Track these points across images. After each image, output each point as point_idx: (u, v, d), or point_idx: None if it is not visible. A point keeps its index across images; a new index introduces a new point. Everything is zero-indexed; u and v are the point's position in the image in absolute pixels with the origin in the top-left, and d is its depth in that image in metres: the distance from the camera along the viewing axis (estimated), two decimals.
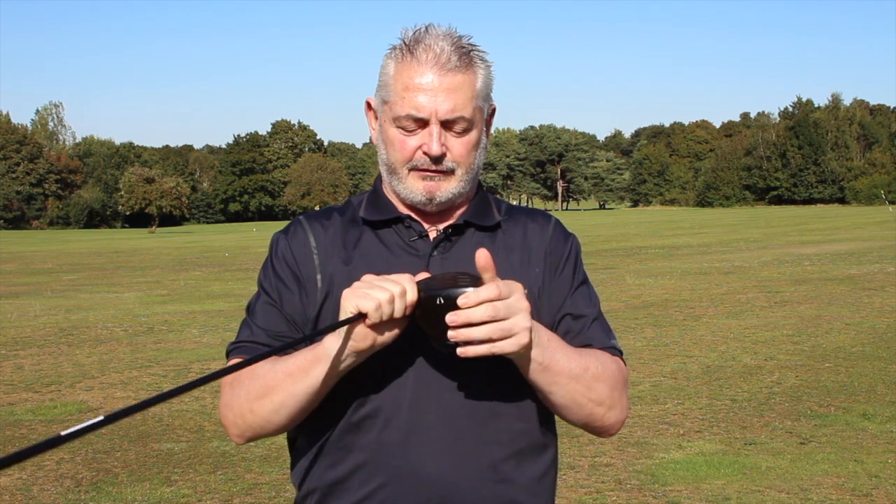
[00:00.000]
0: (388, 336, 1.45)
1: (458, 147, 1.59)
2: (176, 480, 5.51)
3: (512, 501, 1.58)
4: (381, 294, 1.40)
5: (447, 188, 1.60)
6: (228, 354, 1.65)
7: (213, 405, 7.44)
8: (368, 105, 1.68)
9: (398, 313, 1.41)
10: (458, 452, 1.55)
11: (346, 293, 1.43)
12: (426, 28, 1.59)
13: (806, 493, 5.06)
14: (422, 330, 1.47)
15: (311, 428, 1.63)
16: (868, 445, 5.94)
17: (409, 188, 1.61)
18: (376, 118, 1.66)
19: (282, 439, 1.43)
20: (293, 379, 1.51)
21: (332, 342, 1.47)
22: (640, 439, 6.17)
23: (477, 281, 1.41)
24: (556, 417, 1.69)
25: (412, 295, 1.41)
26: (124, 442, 6.41)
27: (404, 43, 1.59)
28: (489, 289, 1.39)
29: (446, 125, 1.57)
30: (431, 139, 1.56)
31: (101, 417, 1.19)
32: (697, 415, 6.84)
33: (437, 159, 1.57)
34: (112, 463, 5.91)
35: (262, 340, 1.62)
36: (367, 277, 1.44)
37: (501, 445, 1.58)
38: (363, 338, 1.44)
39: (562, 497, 5.04)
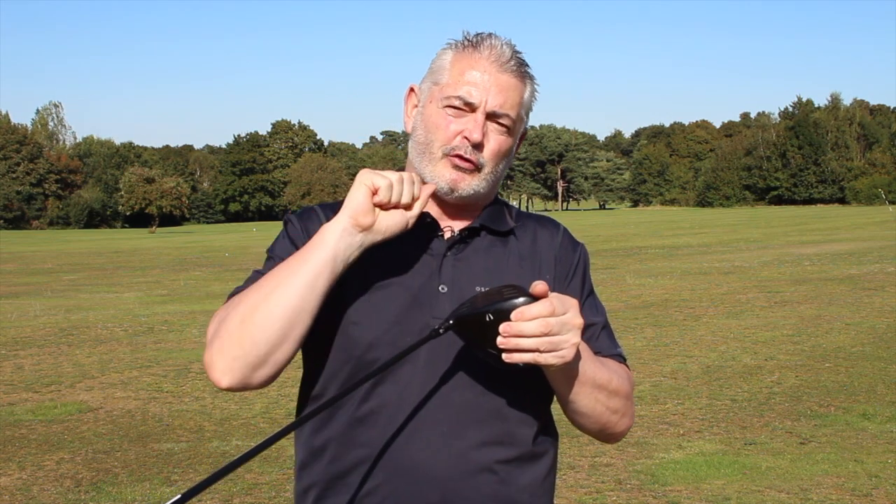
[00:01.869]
0: (389, 223, 1.51)
1: (493, 143, 1.63)
2: (176, 480, 5.51)
3: (513, 502, 1.58)
4: (392, 175, 1.51)
5: (471, 183, 1.63)
6: (229, 298, 1.60)
7: (213, 405, 7.45)
8: (411, 90, 1.72)
9: (406, 197, 1.51)
10: (461, 452, 1.55)
11: (363, 171, 1.51)
12: (489, 33, 1.66)
13: (806, 493, 5.07)
14: (468, 343, 1.49)
15: (316, 421, 1.63)
16: (868, 445, 5.94)
17: (436, 174, 1.63)
18: (415, 105, 1.70)
19: (283, 440, 1.42)
20: (291, 271, 1.49)
21: (330, 225, 1.50)
22: (640, 439, 6.18)
23: (523, 292, 1.42)
24: (555, 418, 1.69)
25: (420, 183, 1.53)
26: (124, 442, 6.42)
27: (467, 39, 1.65)
28: (543, 304, 1.41)
29: (490, 118, 1.62)
30: (476, 126, 1.60)
31: (178, 496, 1.18)
32: (697, 415, 6.85)
33: (476, 146, 1.61)
34: (112, 463, 5.91)
35: None
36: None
37: (504, 446, 1.58)
38: (366, 212, 1.48)
39: (562, 497, 5.04)
